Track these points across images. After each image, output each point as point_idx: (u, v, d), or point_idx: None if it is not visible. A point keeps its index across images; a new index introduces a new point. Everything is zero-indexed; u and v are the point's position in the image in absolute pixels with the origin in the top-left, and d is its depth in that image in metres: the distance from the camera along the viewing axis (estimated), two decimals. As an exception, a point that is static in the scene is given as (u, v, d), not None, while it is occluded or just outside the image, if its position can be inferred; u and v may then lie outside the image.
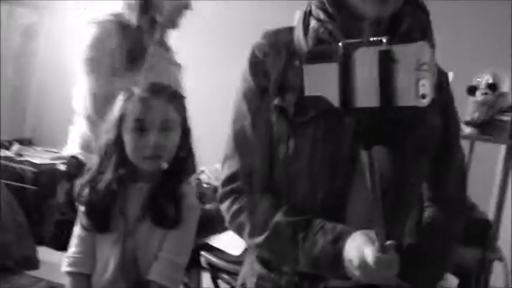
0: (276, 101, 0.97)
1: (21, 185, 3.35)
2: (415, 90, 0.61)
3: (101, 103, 1.67)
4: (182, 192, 1.30)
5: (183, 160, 1.34)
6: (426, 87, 0.61)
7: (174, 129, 1.31)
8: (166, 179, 1.30)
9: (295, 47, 0.99)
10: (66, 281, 1.33)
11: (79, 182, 1.33)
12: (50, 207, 3.35)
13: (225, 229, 2.79)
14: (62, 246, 3.36)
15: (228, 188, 1.03)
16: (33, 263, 2.94)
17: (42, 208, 3.37)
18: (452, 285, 2.47)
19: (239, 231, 1.03)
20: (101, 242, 1.31)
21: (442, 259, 1.09)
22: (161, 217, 1.27)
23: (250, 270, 1.09)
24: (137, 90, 1.31)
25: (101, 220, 1.29)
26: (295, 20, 1.02)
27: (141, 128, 1.27)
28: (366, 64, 0.65)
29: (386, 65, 0.62)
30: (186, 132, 1.36)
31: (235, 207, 1.02)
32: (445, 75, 1.08)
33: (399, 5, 0.92)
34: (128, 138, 1.28)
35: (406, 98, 0.62)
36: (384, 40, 0.63)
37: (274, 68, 0.98)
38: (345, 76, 0.67)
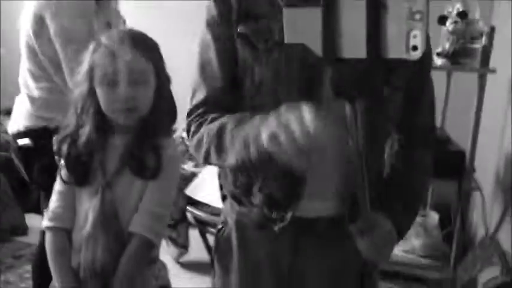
0: (239, 29, 0.96)
1: (3, 154, 3.33)
2: (406, 42, 0.56)
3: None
4: (162, 143, 1.28)
5: (161, 111, 1.29)
6: (418, 38, 0.56)
7: (146, 80, 1.25)
8: (144, 130, 1.27)
9: None
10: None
11: (58, 136, 1.31)
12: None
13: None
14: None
15: (193, 115, 1.02)
16: (22, 230, 2.97)
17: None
18: (434, 221, 2.50)
19: (197, 148, 0.99)
20: (80, 195, 1.29)
21: (418, 191, 1.10)
22: (140, 168, 1.25)
23: (230, 208, 1.11)
24: (104, 40, 1.25)
25: (80, 173, 1.27)
26: None
27: (110, 81, 1.22)
28: (352, 11, 0.59)
29: (375, 12, 0.57)
30: (161, 81, 1.29)
31: (197, 126, 1.00)
32: None
33: None
34: (99, 92, 1.24)
35: (395, 50, 0.57)
36: None
37: None
38: (329, 23, 0.61)
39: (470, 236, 2.57)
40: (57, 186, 1.33)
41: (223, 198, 1.17)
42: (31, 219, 3.11)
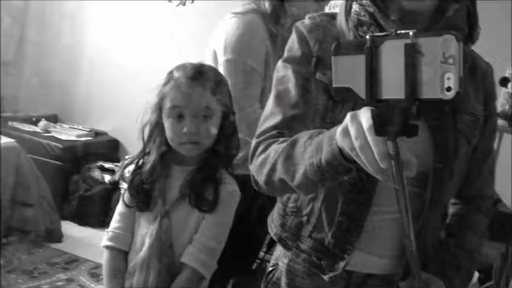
0: (317, 76, 0.98)
1: (47, 160, 3.41)
2: (440, 84, 0.61)
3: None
4: (223, 178, 1.30)
5: (224, 145, 1.32)
6: (451, 80, 0.61)
7: (212, 115, 1.28)
8: (206, 162, 1.30)
9: (337, 30, 0.99)
10: (86, 255, 1.35)
11: (124, 161, 1.36)
12: (74, 183, 3.42)
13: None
14: (85, 221, 3.46)
15: (265, 135, 0.98)
16: (57, 237, 3.01)
17: (66, 183, 3.44)
18: (473, 278, 2.44)
19: (262, 165, 0.94)
20: (139, 220, 1.32)
21: (473, 255, 1.08)
22: (199, 200, 1.27)
23: (282, 252, 1.10)
24: (175, 73, 1.29)
25: (141, 199, 1.30)
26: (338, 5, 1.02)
27: (177, 114, 1.26)
28: (392, 57, 0.65)
29: (412, 58, 0.63)
30: (226, 116, 1.32)
31: (266, 146, 0.95)
32: (490, 67, 1.06)
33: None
34: (166, 124, 1.28)
35: (430, 90, 0.62)
36: (411, 33, 0.63)
37: (316, 45, 0.99)
38: (371, 68, 0.67)
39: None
40: (119, 207, 1.36)
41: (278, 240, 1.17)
42: (67, 226, 3.15)
